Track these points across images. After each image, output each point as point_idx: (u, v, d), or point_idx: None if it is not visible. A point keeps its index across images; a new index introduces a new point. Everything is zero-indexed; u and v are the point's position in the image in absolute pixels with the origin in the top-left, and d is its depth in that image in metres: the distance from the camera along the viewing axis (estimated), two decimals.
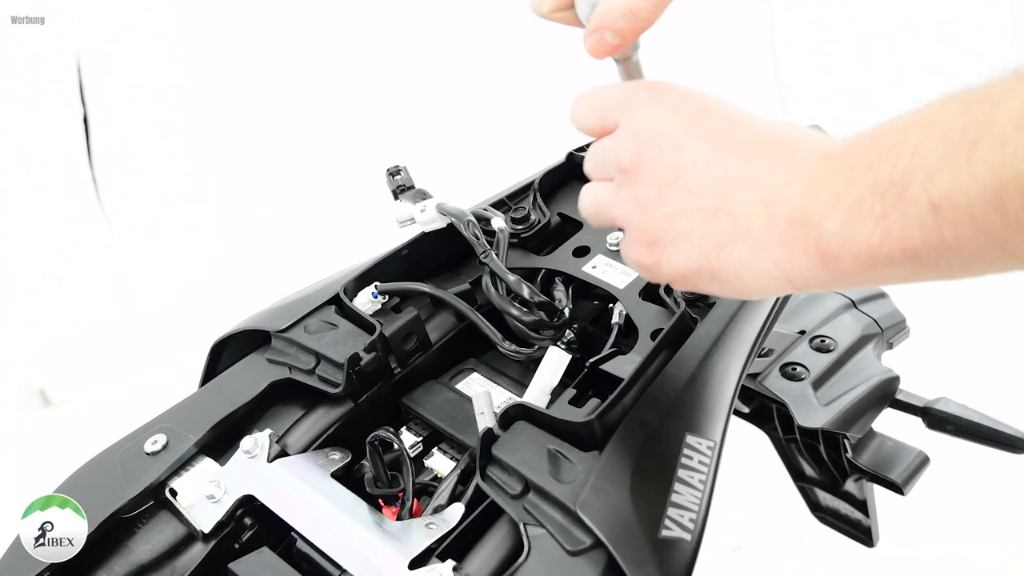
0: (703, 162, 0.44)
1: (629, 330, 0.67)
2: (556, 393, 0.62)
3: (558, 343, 0.64)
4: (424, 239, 0.74)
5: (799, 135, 0.44)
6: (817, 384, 0.90)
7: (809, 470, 0.98)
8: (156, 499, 0.60)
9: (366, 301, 0.69)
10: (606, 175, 0.49)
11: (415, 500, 0.59)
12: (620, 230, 0.53)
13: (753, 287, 0.44)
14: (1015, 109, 0.33)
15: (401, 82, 2.59)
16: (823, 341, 0.95)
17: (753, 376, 0.92)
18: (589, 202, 0.51)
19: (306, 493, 0.57)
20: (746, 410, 0.99)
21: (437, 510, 0.57)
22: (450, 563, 0.51)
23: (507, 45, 2.53)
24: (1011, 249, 0.35)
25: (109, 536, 0.57)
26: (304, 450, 0.62)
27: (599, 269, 0.73)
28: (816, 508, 1.02)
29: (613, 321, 0.66)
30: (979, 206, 0.34)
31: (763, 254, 0.43)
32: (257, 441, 0.60)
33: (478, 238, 0.67)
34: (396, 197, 0.75)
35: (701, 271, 0.45)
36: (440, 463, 0.63)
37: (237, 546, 0.59)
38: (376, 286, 0.70)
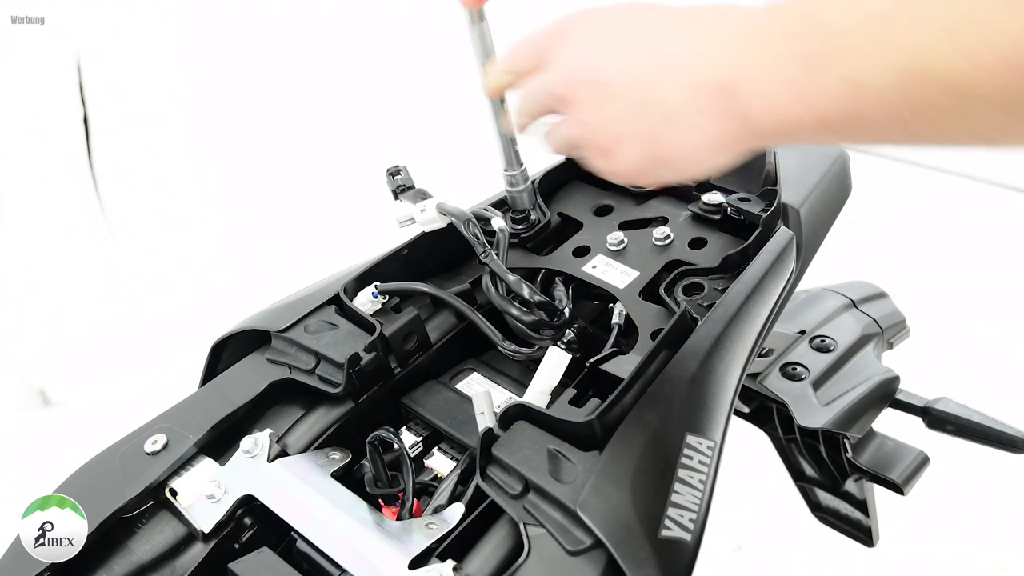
0: (617, 67, 0.49)
1: (629, 330, 0.67)
2: (556, 393, 0.62)
3: (558, 343, 0.64)
4: (424, 239, 0.74)
5: (717, 12, 0.47)
6: (817, 384, 0.90)
7: (809, 470, 0.98)
8: (156, 499, 0.59)
9: (366, 301, 0.69)
10: (543, 109, 0.55)
11: (415, 500, 0.59)
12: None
13: (694, 161, 0.48)
14: None
15: (401, 82, 2.59)
16: (823, 341, 0.95)
17: (753, 376, 0.92)
18: (553, 139, 0.56)
19: (306, 493, 0.57)
20: (746, 410, 0.99)
21: (437, 510, 0.57)
22: (450, 563, 0.51)
23: (507, 45, 2.53)
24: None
25: (109, 536, 0.57)
26: (304, 450, 0.62)
27: (599, 269, 0.73)
28: (816, 508, 1.02)
29: (613, 321, 0.66)
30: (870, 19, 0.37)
31: (693, 131, 0.47)
32: (257, 441, 0.60)
33: (478, 238, 0.67)
34: (396, 197, 0.75)
35: (651, 161, 0.50)
36: (440, 463, 0.63)
37: (237, 546, 0.59)
38: (376, 286, 0.70)
